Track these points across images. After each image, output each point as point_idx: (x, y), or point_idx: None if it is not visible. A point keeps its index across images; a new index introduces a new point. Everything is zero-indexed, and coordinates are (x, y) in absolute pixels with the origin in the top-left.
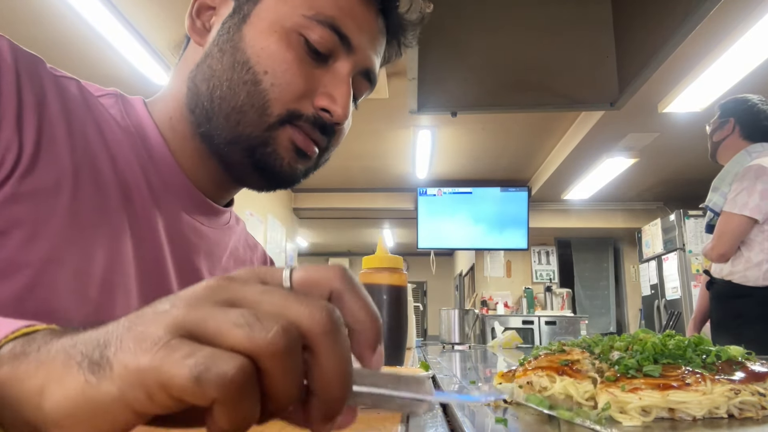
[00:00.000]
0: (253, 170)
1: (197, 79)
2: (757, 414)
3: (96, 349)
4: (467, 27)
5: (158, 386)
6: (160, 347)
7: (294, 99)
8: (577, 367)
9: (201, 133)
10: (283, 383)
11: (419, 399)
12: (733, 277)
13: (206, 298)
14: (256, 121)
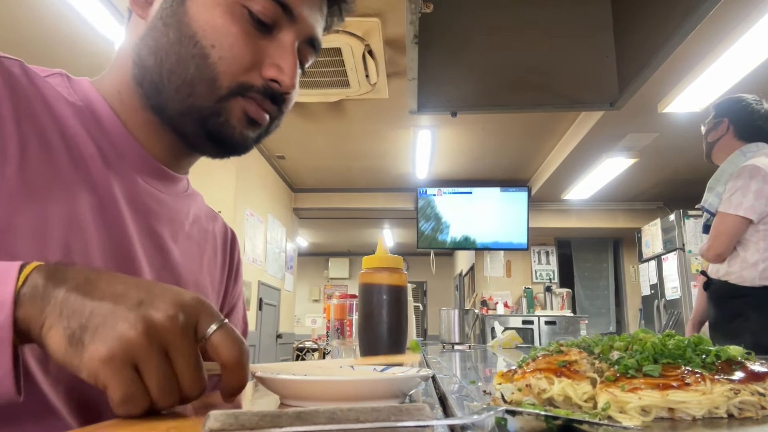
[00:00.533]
0: (207, 140)
1: (143, 53)
2: (757, 414)
3: (78, 329)
4: (467, 27)
5: (101, 386)
6: (115, 368)
7: (242, 71)
8: (575, 368)
9: (151, 105)
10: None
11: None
12: (729, 278)
13: (159, 338)
14: (206, 93)
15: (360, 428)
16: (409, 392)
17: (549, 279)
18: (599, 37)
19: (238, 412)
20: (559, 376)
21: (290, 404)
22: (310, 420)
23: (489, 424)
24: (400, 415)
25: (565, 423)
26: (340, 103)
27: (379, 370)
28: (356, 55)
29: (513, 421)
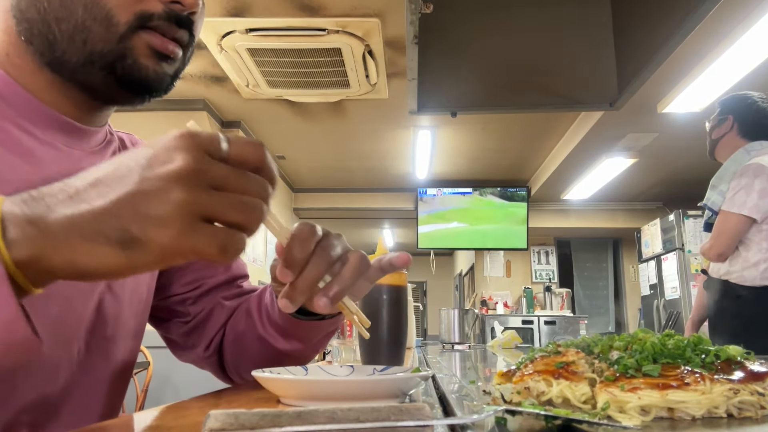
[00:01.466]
0: (119, 87)
1: (22, 6)
2: (756, 414)
3: (116, 230)
4: (467, 27)
5: (193, 255)
6: (189, 231)
7: (137, 0)
8: (573, 369)
9: (47, 63)
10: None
11: (422, 426)
12: (730, 277)
13: (197, 183)
14: (104, 34)
15: (360, 428)
16: (409, 392)
17: (549, 279)
18: (599, 37)
19: (238, 411)
20: (557, 378)
21: (290, 404)
22: (310, 420)
23: (489, 424)
24: (400, 415)
25: (564, 423)
26: (340, 103)
27: (379, 370)
28: (356, 55)
29: (513, 420)
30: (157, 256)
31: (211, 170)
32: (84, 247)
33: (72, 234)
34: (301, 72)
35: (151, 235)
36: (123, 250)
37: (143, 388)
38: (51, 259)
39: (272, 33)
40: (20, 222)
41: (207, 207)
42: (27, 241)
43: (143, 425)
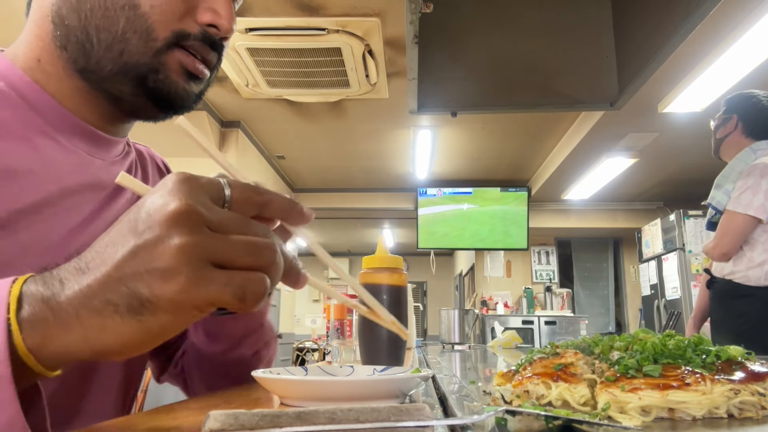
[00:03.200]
0: (146, 99)
1: (63, 12)
2: (757, 414)
3: (123, 296)
4: (467, 27)
5: (209, 305)
6: (199, 279)
7: (177, 18)
8: (571, 371)
9: (79, 70)
10: (277, 278)
11: (422, 426)
12: (734, 277)
13: (196, 224)
14: (141, 47)
15: (360, 428)
16: (409, 392)
17: (549, 279)
18: (599, 37)
19: (238, 412)
20: (555, 381)
21: (290, 404)
22: (310, 420)
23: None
24: (400, 415)
25: (564, 423)
26: (340, 103)
27: (379, 370)
28: (356, 55)
29: (513, 421)
30: (171, 316)
31: (210, 211)
32: (94, 321)
33: (81, 309)
34: (301, 72)
35: (159, 290)
36: (133, 316)
37: (143, 388)
38: (63, 339)
39: (272, 33)
40: (36, 302)
41: (212, 250)
42: (39, 322)
43: (143, 425)
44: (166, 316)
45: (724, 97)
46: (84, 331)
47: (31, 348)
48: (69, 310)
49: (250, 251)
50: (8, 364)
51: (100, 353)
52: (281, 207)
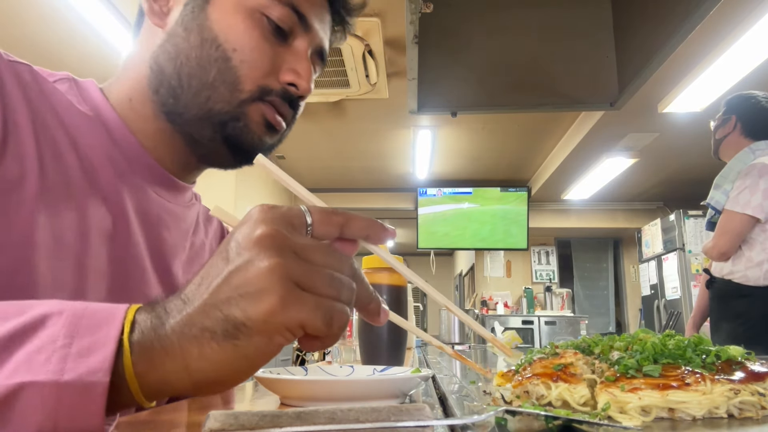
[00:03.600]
0: (223, 145)
1: (160, 60)
2: (757, 414)
3: (219, 322)
4: (467, 27)
5: (299, 328)
6: (290, 299)
7: (263, 75)
8: (571, 371)
9: (166, 112)
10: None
11: (422, 426)
12: (733, 276)
13: (283, 247)
14: (227, 96)
15: (360, 428)
16: (409, 392)
17: (549, 279)
18: (599, 37)
19: (238, 412)
20: (555, 381)
21: (290, 404)
22: (310, 420)
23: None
24: (400, 415)
25: (564, 423)
26: (340, 103)
27: (379, 370)
28: (356, 55)
29: (513, 421)
30: (265, 339)
31: (294, 236)
32: (193, 349)
33: (182, 338)
34: None
35: (252, 312)
36: (229, 341)
37: None
38: (166, 367)
39: None
40: (147, 329)
41: (299, 272)
42: (147, 349)
43: (143, 425)
44: (261, 339)
45: (723, 97)
46: (184, 360)
47: (138, 373)
48: (173, 339)
49: (333, 283)
50: (108, 374)
51: (198, 384)
52: (361, 226)
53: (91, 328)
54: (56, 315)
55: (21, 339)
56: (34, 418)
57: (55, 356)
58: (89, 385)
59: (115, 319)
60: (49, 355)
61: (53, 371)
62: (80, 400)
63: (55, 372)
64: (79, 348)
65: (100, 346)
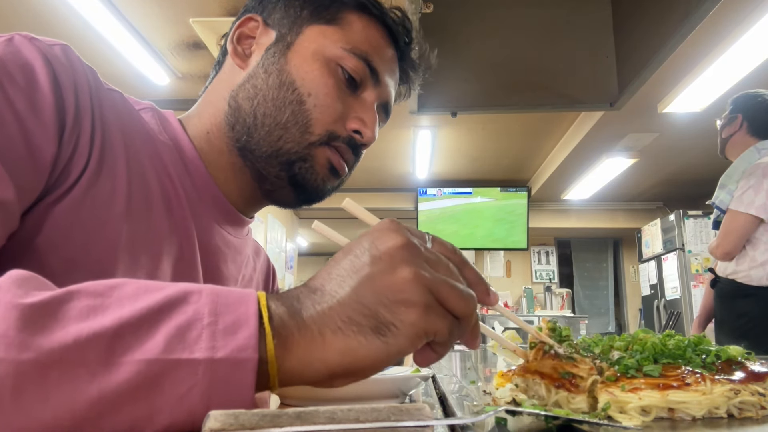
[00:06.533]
0: (288, 184)
1: (239, 98)
2: (757, 414)
3: (366, 318)
4: (467, 27)
5: (432, 335)
6: (435, 313)
7: (333, 121)
8: (577, 382)
9: (239, 148)
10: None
11: (422, 426)
12: (737, 276)
13: (419, 258)
14: (298, 137)
15: (360, 428)
16: (409, 392)
17: (549, 279)
18: (599, 37)
19: (238, 412)
20: (557, 387)
21: (290, 404)
22: (310, 420)
23: (489, 424)
24: (400, 415)
25: (564, 423)
26: None
27: None
28: None
29: (513, 421)
30: (408, 341)
31: (425, 249)
32: (338, 339)
33: (324, 328)
34: None
35: (402, 316)
36: (378, 336)
37: None
38: (305, 354)
39: None
40: (284, 314)
41: (436, 284)
42: (286, 334)
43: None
44: (405, 340)
45: (724, 97)
46: (325, 351)
47: (278, 356)
48: (312, 328)
49: (461, 297)
50: (256, 351)
51: (334, 374)
52: (472, 276)
53: (229, 306)
54: (196, 292)
55: (168, 312)
56: (190, 394)
57: (205, 333)
58: (241, 361)
59: (250, 299)
60: (200, 332)
61: (206, 348)
62: (233, 376)
63: (208, 349)
64: (225, 325)
65: (242, 323)
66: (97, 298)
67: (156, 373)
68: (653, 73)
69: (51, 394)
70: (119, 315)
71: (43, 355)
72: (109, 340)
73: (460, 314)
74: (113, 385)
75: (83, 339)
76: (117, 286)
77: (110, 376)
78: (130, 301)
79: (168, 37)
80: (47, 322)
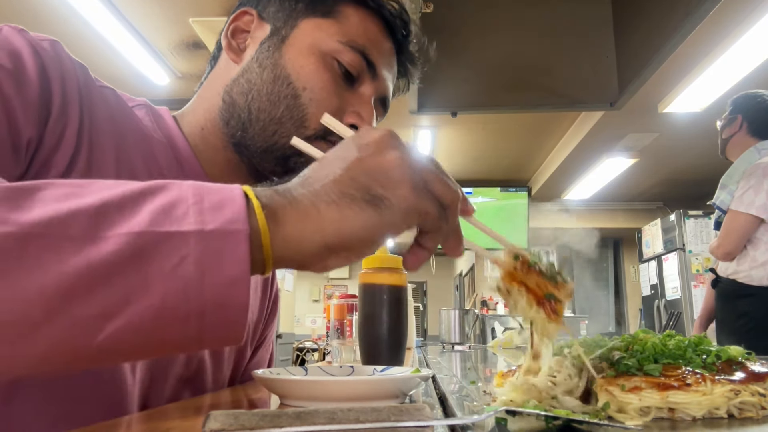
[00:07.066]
0: (283, 179)
1: (234, 93)
2: (757, 414)
3: (359, 191)
4: (467, 27)
5: (420, 215)
6: (423, 194)
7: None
8: (555, 307)
9: (234, 143)
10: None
11: (422, 426)
12: (737, 276)
13: (405, 146)
14: (293, 132)
15: (360, 428)
16: (409, 392)
17: None
18: (599, 37)
19: (238, 412)
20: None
21: (290, 404)
22: (310, 420)
23: (489, 424)
24: (400, 415)
25: (565, 423)
26: None
27: (379, 370)
28: None
29: (513, 421)
30: (400, 215)
31: (410, 147)
32: (332, 209)
33: (318, 201)
34: None
35: (392, 190)
36: (371, 207)
37: None
38: (299, 225)
39: None
40: (271, 193)
41: (422, 167)
42: (277, 206)
43: (143, 425)
44: (398, 214)
45: (724, 98)
46: (321, 222)
47: (270, 228)
48: (305, 202)
49: (447, 184)
50: (246, 223)
51: (329, 245)
52: (455, 185)
53: (213, 189)
54: (176, 183)
55: (151, 194)
56: (183, 264)
57: (192, 210)
58: (232, 232)
59: (234, 186)
60: (185, 209)
61: (195, 222)
62: (225, 247)
63: (197, 223)
64: (211, 203)
65: (228, 201)
66: (74, 187)
67: (145, 245)
68: (653, 72)
69: (34, 265)
70: (99, 197)
71: (25, 227)
72: (92, 216)
73: (446, 201)
74: (101, 256)
75: (64, 214)
76: (94, 180)
77: (97, 248)
78: (109, 189)
79: (168, 37)
80: (25, 202)
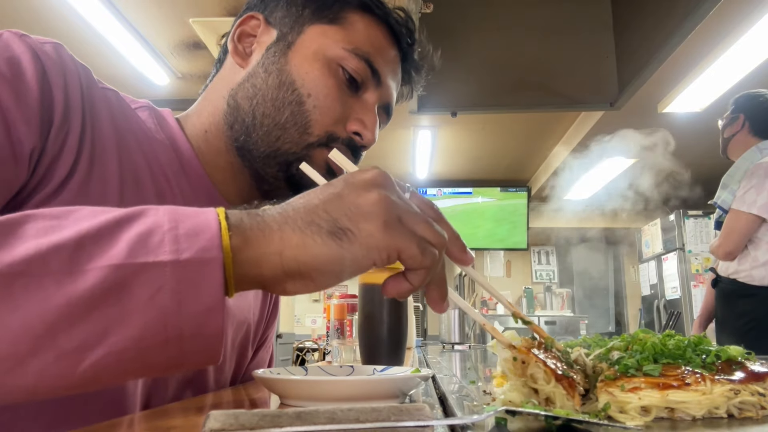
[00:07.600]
0: (285, 184)
1: (239, 97)
2: (757, 414)
3: (326, 222)
4: (467, 27)
5: (395, 252)
6: (397, 232)
7: (332, 122)
8: (574, 383)
9: (237, 147)
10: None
11: (422, 426)
12: (738, 276)
13: (391, 187)
14: (296, 138)
15: (360, 428)
16: (409, 392)
17: (549, 279)
18: (599, 37)
19: (238, 412)
20: (557, 380)
21: (290, 404)
22: (310, 420)
23: (489, 424)
24: (400, 415)
25: (564, 423)
26: None
27: (379, 370)
28: None
29: (513, 421)
30: (363, 249)
31: (399, 187)
32: (295, 237)
33: (284, 226)
34: None
35: (360, 224)
36: (335, 239)
37: None
38: (261, 248)
39: None
40: (241, 215)
41: (402, 209)
42: (243, 228)
43: (143, 425)
44: (360, 248)
45: (724, 97)
46: (282, 245)
47: (234, 246)
48: (272, 226)
49: (427, 226)
50: (221, 250)
51: (288, 272)
52: (449, 231)
53: (188, 215)
54: (153, 209)
55: (127, 223)
56: (160, 294)
57: (167, 237)
58: (207, 261)
59: (208, 210)
60: (161, 237)
61: (170, 251)
62: (200, 276)
63: (172, 252)
64: (186, 230)
65: (203, 227)
66: (54, 219)
67: (123, 277)
68: (653, 72)
69: (18, 304)
70: (78, 229)
71: (5, 267)
72: (71, 251)
73: (431, 241)
74: (80, 291)
75: (44, 251)
76: (74, 210)
77: (76, 284)
78: (88, 219)
79: (168, 37)
80: (5, 239)
